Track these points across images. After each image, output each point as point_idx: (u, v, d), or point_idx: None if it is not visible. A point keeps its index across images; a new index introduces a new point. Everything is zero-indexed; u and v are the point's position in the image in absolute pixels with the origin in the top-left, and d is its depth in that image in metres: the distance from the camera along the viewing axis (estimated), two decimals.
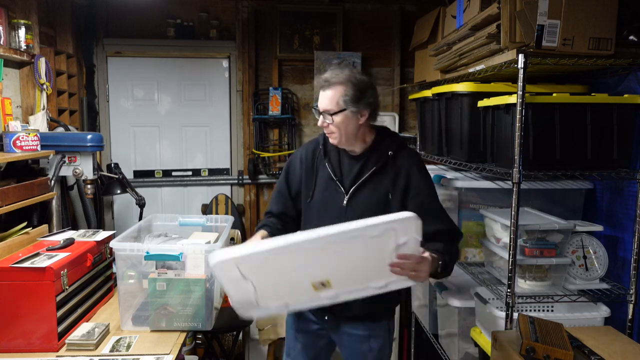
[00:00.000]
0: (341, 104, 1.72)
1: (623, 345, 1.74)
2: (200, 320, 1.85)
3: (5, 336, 1.65)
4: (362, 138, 1.81)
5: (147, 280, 1.82)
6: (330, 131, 1.77)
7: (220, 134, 3.87)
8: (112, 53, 3.67)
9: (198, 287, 1.82)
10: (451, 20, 2.45)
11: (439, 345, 2.66)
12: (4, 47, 2.31)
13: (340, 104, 1.72)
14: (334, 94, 1.72)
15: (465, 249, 2.30)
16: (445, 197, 2.45)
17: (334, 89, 1.72)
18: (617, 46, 1.81)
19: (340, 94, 1.72)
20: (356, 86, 1.73)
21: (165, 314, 1.83)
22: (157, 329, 1.84)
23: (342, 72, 1.75)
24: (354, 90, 1.72)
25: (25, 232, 2.02)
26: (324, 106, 1.74)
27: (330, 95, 1.72)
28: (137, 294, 1.90)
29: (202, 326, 1.86)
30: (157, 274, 1.82)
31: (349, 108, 1.72)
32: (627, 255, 2.00)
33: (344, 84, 1.72)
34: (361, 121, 1.76)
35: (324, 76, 1.76)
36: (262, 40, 3.72)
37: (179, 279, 1.81)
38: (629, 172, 1.93)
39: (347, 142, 1.78)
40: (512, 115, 1.86)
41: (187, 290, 1.82)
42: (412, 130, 3.82)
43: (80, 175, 2.35)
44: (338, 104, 1.72)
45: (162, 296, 1.82)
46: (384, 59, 3.82)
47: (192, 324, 1.85)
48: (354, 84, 1.73)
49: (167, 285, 1.81)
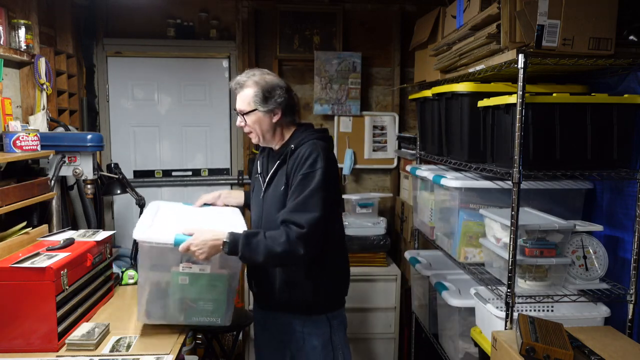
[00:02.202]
0: (252, 105, 1.86)
1: (623, 345, 1.74)
2: (220, 315, 1.82)
3: (5, 336, 1.65)
4: (280, 136, 1.94)
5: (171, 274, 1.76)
6: (247, 131, 1.92)
7: (220, 134, 3.87)
8: (112, 53, 3.67)
9: (220, 283, 1.79)
10: (451, 20, 2.45)
11: (439, 345, 2.66)
12: (4, 47, 2.31)
13: (251, 105, 1.86)
14: (246, 96, 1.86)
15: (465, 249, 2.30)
16: (445, 197, 2.45)
17: (246, 90, 1.87)
18: (617, 46, 1.81)
19: (252, 95, 1.85)
20: (264, 87, 1.86)
21: (185, 307, 1.79)
22: (174, 322, 1.80)
23: (253, 74, 1.89)
24: (263, 90, 1.85)
25: (25, 232, 2.02)
26: (238, 107, 1.90)
27: (243, 97, 1.87)
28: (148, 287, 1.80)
29: (221, 322, 1.84)
30: (181, 268, 1.75)
31: (259, 108, 1.86)
32: (627, 255, 2.00)
33: (254, 85, 1.86)
34: (274, 119, 1.89)
35: (237, 79, 1.90)
36: (262, 40, 3.72)
37: (203, 273, 1.76)
38: (629, 172, 1.93)
39: (264, 140, 1.94)
40: (512, 115, 1.86)
41: (210, 285, 1.78)
42: (412, 130, 3.82)
43: (80, 175, 2.35)
44: (250, 105, 1.86)
45: (184, 290, 1.77)
46: (384, 59, 3.82)
47: (211, 319, 1.82)
48: (262, 85, 1.86)
49: (189, 280, 1.76)
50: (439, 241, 2.59)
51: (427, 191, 2.76)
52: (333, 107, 3.72)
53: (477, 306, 2.15)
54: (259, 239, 1.72)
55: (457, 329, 2.37)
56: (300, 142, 1.87)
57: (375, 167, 3.87)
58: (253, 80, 1.86)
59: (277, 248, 1.71)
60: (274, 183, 1.92)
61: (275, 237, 1.73)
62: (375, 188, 3.90)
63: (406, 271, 3.50)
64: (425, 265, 2.84)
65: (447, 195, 2.40)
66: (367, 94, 3.82)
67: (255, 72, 1.89)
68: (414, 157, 3.27)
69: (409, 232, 3.43)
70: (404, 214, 3.61)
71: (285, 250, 1.72)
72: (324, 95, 3.70)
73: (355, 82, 3.71)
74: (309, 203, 1.75)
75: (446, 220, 2.47)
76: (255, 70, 1.92)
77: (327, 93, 3.70)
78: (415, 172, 2.83)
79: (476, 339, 2.11)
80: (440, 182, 2.36)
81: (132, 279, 2.32)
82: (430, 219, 2.74)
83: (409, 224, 3.46)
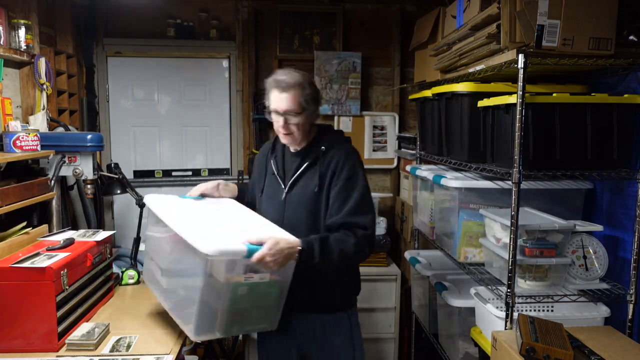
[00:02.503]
0: (302, 105, 1.81)
1: (623, 345, 1.74)
2: (269, 322, 1.75)
3: (5, 336, 1.65)
4: (309, 136, 1.92)
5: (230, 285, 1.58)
6: (289, 131, 1.84)
7: (220, 134, 3.87)
8: (112, 53, 3.67)
9: (275, 289, 1.70)
10: (451, 20, 2.45)
11: (439, 345, 2.66)
12: (4, 47, 2.31)
13: (302, 105, 1.80)
14: (296, 95, 1.80)
15: (465, 249, 2.30)
16: (445, 197, 2.45)
17: (296, 90, 1.80)
18: (617, 46, 1.81)
19: (301, 95, 1.80)
20: (314, 88, 1.84)
21: (239, 319, 1.66)
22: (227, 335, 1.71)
23: (299, 74, 1.83)
24: (312, 91, 1.83)
25: (25, 232, 2.02)
26: (285, 107, 1.80)
27: (292, 97, 1.79)
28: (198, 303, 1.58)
29: (270, 326, 1.77)
30: (244, 279, 1.60)
31: (308, 108, 1.82)
32: (627, 255, 2.00)
33: (305, 85, 1.81)
34: (316, 120, 1.89)
35: (279, 78, 1.81)
36: (262, 40, 3.72)
37: (261, 282, 1.64)
38: (629, 172, 1.93)
39: (299, 141, 1.89)
40: (512, 115, 1.86)
41: (265, 292, 1.68)
42: (412, 130, 3.82)
43: (80, 175, 2.35)
44: (300, 105, 1.80)
45: (241, 301, 1.61)
46: (384, 59, 3.82)
47: (260, 326, 1.77)
48: (311, 85, 1.84)
49: (248, 289, 1.61)
50: (439, 241, 2.59)
51: (427, 191, 2.76)
52: (333, 107, 3.72)
53: (477, 306, 2.15)
54: (331, 244, 1.72)
55: (457, 329, 2.37)
56: (332, 144, 1.88)
57: (375, 167, 3.87)
58: (303, 80, 1.81)
59: (349, 250, 1.74)
60: (300, 184, 1.88)
61: (345, 241, 1.74)
62: (375, 188, 3.90)
63: (406, 271, 3.50)
64: (425, 265, 2.84)
65: (447, 195, 2.40)
66: (367, 94, 3.82)
67: (299, 72, 1.84)
68: (414, 157, 3.27)
69: (409, 232, 3.43)
70: (404, 214, 3.61)
71: (357, 252, 1.76)
72: (324, 95, 3.70)
73: (355, 82, 3.71)
74: (363, 204, 1.80)
75: (446, 220, 2.47)
76: (294, 70, 1.85)
77: (327, 93, 3.70)
78: (415, 172, 2.83)
79: (476, 339, 2.11)
80: (440, 182, 2.36)
81: (132, 279, 2.32)
82: (430, 219, 2.74)
83: (409, 224, 3.46)
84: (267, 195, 1.98)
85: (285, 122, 1.81)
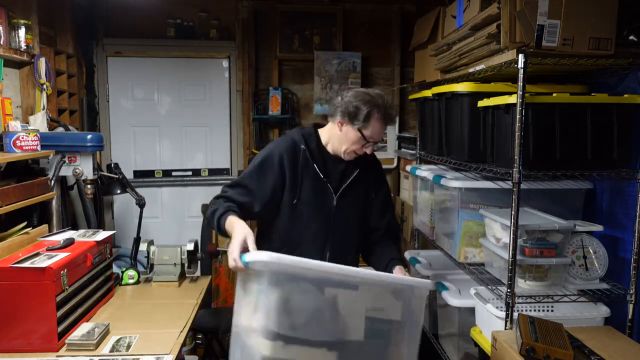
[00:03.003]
0: None
1: (623, 345, 1.74)
2: None
3: (5, 336, 1.65)
4: None
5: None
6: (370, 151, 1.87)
7: (220, 134, 3.87)
8: (112, 53, 3.67)
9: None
10: (451, 20, 2.45)
11: (439, 345, 2.66)
12: (4, 47, 2.31)
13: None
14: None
15: (465, 249, 2.30)
16: (445, 197, 2.45)
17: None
18: (617, 46, 1.81)
19: None
20: None
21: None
22: None
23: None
24: None
25: (25, 232, 2.02)
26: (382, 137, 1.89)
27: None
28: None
29: None
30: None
31: None
32: (627, 255, 2.00)
33: None
34: None
35: (392, 113, 1.84)
36: (262, 40, 3.72)
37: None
38: (629, 172, 1.93)
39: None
40: (512, 115, 1.86)
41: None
42: (412, 130, 3.82)
43: (80, 175, 2.35)
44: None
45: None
46: (384, 59, 3.82)
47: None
48: None
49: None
50: (439, 241, 2.59)
51: (427, 191, 2.76)
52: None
53: (477, 306, 2.15)
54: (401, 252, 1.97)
55: (457, 329, 2.37)
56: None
57: None
58: None
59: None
60: (353, 188, 1.86)
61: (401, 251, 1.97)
62: None
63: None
64: (425, 265, 2.83)
65: (447, 195, 2.40)
66: None
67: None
68: (414, 157, 3.27)
69: (409, 232, 3.43)
70: (404, 214, 3.61)
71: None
72: (324, 95, 3.70)
73: (355, 82, 3.71)
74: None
75: (446, 220, 2.47)
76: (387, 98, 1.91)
77: (327, 93, 3.70)
78: (415, 172, 2.83)
79: (476, 339, 2.11)
80: (440, 182, 2.36)
81: (132, 279, 2.32)
82: (430, 219, 2.74)
83: (409, 224, 3.46)
84: (311, 202, 1.82)
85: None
